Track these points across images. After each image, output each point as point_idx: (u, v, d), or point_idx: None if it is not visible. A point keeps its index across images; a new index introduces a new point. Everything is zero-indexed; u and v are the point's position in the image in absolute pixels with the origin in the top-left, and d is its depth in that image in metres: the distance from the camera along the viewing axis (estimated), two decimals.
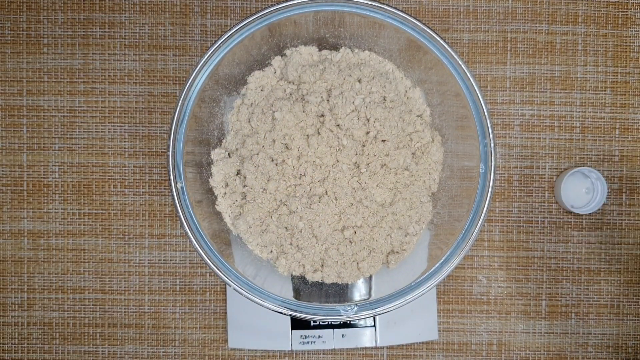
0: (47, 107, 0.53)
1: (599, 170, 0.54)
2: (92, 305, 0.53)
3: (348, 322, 0.51)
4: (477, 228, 0.40)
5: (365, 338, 0.51)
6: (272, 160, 0.43)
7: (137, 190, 0.53)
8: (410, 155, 0.45)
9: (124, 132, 0.53)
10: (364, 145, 0.44)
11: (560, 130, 0.55)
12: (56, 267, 0.53)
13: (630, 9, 0.55)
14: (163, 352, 0.53)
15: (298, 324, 0.51)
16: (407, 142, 0.45)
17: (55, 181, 0.53)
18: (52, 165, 0.53)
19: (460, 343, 0.54)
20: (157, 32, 0.53)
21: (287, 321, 0.51)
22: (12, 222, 0.53)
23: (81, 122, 0.53)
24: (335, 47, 0.46)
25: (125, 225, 0.53)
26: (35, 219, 0.53)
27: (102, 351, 0.53)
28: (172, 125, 0.40)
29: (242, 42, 0.41)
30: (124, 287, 0.53)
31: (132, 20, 0.53)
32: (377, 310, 0.41)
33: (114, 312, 0.53)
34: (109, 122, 0.53)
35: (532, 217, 0.55)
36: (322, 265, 0.45)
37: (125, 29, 0.53)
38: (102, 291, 0.53)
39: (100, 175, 0.53)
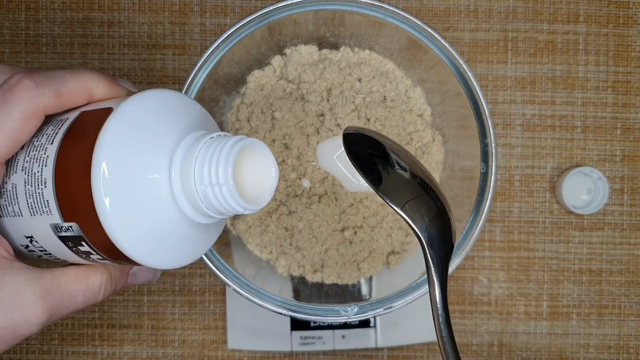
0: None
1: (600, 170, 0.54)
2: (91, 305, 0.53)
3: (348, 322, 0.50)
4: (478, 228, 0.40)
5: (365, 339, 0.51)
6: None
7: None
8: None
9: None
10: None
11: (561, 130, 0.55)
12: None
13: (632, 8, 0.55)
14: (162, 352, 0.53)
15: (298, 324, 0.51)
16: (408, 141, 0.45)
17: None
18: None
19: (461, 344, 0.54)
20: (156, 32, 0.53)
21: (287, 322, 0.51)
22: None
23: None
24: (335, 46, 0.46)
25: None
26: None
27: (100, 352, 0.53)
28: None
29: (242, 41, 0.41)
30: (123, 288, 0.53)
31: (131, 20, 0.53)
32: (377, 310, 0.40)
33: (112, 312, 0.53)
34: None
35: (533, 218, 0.54)
36: (322, 265, 0.45)
37: (124, 29, 0.53)
38: None
39: None
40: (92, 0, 0.53)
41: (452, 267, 0.40)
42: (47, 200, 0.27)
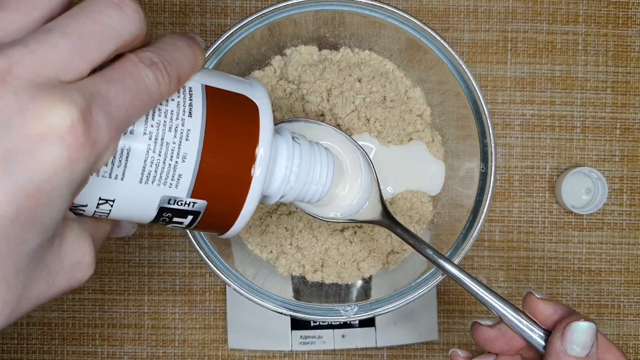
0: None
1: (599, 170, 0.54)
2: (92, 305, 0.53)
3: (348, 322, 0.51)
4: (478, 228, 0.40)
5: (365, 338, 0.51)
6: None
7: None
8: None
9: None
10: None
11: (560, 130, 0.55)
12: None
13: (631, 8, 0.55)
14: (162, 352, 0.53)
15: (298, 324, 0.51)
16: (408, 142, 0.45)
17: None
18: None
19: (460, 343, 0.54)
20: (157, 32, 0.53)
21: (287, 321, 0.51)
22: None
23: None
24: (335, 47, 0.46)
25: None
26: None
27: (101, 351, 0.53)
28: None
29: (242, 41, 0.41)
30: (124, 287, 0.53)
31: None
32: (377, 310, 0.40)
33: (113, 312, 0.53)
34: None
35: (532, 217, 0.54)
36: (322, 265, 0.45)
37: None
38: (102, 291, 0.53)
39: None
40: None
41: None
42: (180, 175, 0.26)
